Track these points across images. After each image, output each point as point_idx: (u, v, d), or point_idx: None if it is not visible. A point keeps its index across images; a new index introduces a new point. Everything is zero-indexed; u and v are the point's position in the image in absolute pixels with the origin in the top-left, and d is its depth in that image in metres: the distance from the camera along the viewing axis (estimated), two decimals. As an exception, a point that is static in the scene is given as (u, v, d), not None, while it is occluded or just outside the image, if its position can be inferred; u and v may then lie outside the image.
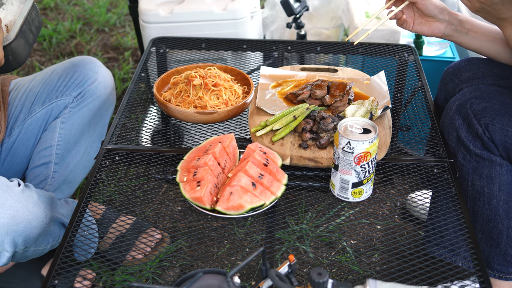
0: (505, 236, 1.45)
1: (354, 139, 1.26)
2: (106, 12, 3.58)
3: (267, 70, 1.77)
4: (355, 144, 1.26)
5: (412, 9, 1.55)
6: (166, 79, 1.71)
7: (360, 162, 1.28)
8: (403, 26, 1.58)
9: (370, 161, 1.29)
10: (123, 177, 1.61)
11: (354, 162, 1.28)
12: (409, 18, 1.56)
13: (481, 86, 1.43)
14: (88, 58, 1.85)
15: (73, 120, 1.76)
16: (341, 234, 1.87)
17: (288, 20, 2.43)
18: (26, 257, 1.46)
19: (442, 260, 1.44)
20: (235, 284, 0.95)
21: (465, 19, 1.52)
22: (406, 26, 1.57)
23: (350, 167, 1.29)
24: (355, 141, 1.26)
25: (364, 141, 1.26)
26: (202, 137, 1.62)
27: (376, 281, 1.01)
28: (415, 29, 1.57)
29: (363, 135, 1.28)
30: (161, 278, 1.66)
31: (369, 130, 1.29)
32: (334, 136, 1.32)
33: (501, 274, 1.50)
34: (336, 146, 1.30)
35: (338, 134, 1.29)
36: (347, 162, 1.29)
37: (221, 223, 1.88)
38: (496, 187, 1.40)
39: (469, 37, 1.52)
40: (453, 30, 1.52)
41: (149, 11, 2.21)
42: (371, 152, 1.28)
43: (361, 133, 1.28)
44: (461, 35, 1.53)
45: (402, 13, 1.56)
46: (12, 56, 1.36)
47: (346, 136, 1.27)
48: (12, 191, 1.36)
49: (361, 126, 1.30)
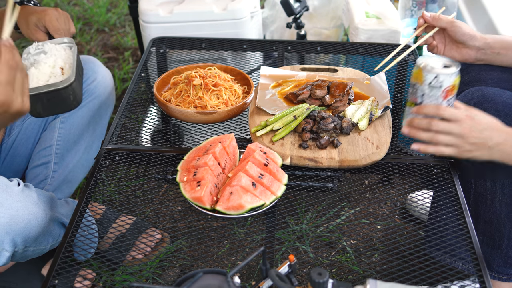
0: (506, 238, 1.45)
1: (442, 73, 1.25)
2: (106, 12, 3.58)
3: (267, 70, 1.77)
4: (444, 77, 1.26)
5: (443, 35, 1.56)
6: (166, 79, 1.71)
7: (447, 96, 1.28)
8: (433, 51, 1.58)
9: (454, 95, 1.29)
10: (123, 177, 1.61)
11: (442, 96, 1.27)
12: (440, 44, 1.56)
13: (483, 87, 1.43)
14: (87, 58, 1.85)
15: (72, 119, 1.76)
16: (341, 234, 1.87)
17: (288, 20, 2.43)
18: (26, 257, 1.46)
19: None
20: (235, 284, 0.95)
21: (494, 41, 1.51)
22: (437, 51, 1.58)
23: (436, 102, 1.29)
24: (444, 75, 1.25)
25: (452, 74, 1.26)
26: (202, 137, 1.62)
27: (376, 281, 1.01)
28: (446, 54, 1.57)
29: (449, 69, 1.27)
30: (161, 278, 1.66)
31: (450, 65, 1.29)
32: (414, 74, 1.30)
33: (501, 276, 1.50)
34: (419, 83, 1.29)
35: (420, 71, 1.28)
36: (433, 98, 1.28)
37: (221, 223, 1.88)
38: (499, 189, 1.40)
39: (501, 56, 1.52)
40: (484, 54, 1.52)
41: (149, 11, 2.21)
42: (456, 86, 1.28)
43: (444, 67, 1.28)
44: (492, 57, 1.52)
45: (433, 39, 1.57)
46: (73, 95, 1.41)
47: (432, 71, 1.26)
48: (11, 191, 1.36)
49: (442, 62, 1.29)
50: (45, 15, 1.57)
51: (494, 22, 2.22)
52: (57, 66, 1.44)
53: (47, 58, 1.45)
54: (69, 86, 1.39)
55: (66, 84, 1.38)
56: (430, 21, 1.54)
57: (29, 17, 1.59)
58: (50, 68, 1.43)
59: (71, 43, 1.54)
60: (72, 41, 1.54)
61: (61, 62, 1.45)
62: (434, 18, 1.53)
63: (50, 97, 1.37)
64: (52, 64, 1.44)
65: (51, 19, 1.57)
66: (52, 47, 1.49)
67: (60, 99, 1.39)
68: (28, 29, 1.59)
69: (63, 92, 1.38)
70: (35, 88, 1.36)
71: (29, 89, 1.32)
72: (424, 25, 1.57)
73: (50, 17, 1.57)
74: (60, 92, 1.38)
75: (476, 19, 2.38)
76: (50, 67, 1.43)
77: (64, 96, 1.39)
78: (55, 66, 1.44)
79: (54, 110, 1.41)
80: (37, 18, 1.58)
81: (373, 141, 1.48)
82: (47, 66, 1.43)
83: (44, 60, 1.44)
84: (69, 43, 1.54)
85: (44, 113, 1.40)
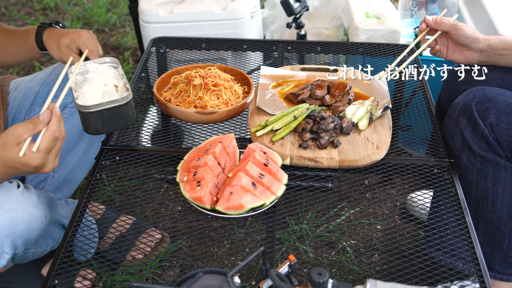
0: (507, 238, 1.45)
1: None
2: (106, 12, 3.58)
3: (267, 70, 1.77)
4: None
5: (445, 38, 1.55)
6: (166, 79, 1.71)
7: None
8: (437, 54, 1.58)
9: None
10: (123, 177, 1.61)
11: None
12: (442, 47, 1.56)
13: (484, 87, 1.43)
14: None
15: (72, 120, 1.76)
16: (341, 234, 1.87)
17: (288, 20, 2.43)
18: (26, 259, 1.46)
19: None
20: (235, 284, 0.95)
21: (496, 42, 1.51)
22: (440, 54, 1.58)
23: None
24: None
25: None
26: (202, 137, 1.62)
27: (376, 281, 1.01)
28: (449, 57, 1.57)
29: None
30: (161, 278, 1.66)
31: None
32: None
33: (502, 276, 1.51)
34: None
35: None
36: None
37: (221, 223, 1.88)
38: (501, 189, 1.41)
39: (503, 58, 1.52)
40: (487, 56, 1.52)
41: (149, 11, 2.21)
42: None
43: None
44: (495, 58, 1.52)
45: (436, 43, 1.56)
46: (131, 111, 1.44)
47: None
48: (11, 193, 1.35)
49: None
50: (79, 37, 1.59)
51: (494, 22, 2.22)
52: (109, 84, 1.46)
53: (97, 76, 1.47)
54: (129, 102, 1.42)
55: (127, 100, 1.41)
56: (433, 25, 1.54)
57: (60, 39, 1.60)
58: (102, 86, 1.45)
59: (114, 63, 1.56)
60: (116, 61, 1.56)
61: (111, 80, 1.47)
62: (437, 22, 1.53)
63: (111, 113, 1.40)
64: (103, 82, 1.46)
65: (86, 41, 1.59)
66: (97, 67, 1.51)
67: (120, 115, 1.42)
68: (60, 51, 1.61)
69: (124, 108, 1.41)
70: (98, 105, 1.38)
71: (92, 105, 1.37)
72: (427, 29, 1.56)
73: (84, 38, 1.59)
74: (121, 108, 1.41)
75: (476, 19, 2.38)
76: (102, 85, 1.45)
77: (124, 112, 1.42)
78: (107, 84, 1.46)
79: (113, 126, 1.44)
80: (70, 40, 1.60)
81: (373, 141, 1.48)
82: (99, 84, 1.45)
83: (95, 79, 1.46)
84: (111, 63, 1.56)
85: (103, 130, 1.43)
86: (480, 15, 2.36)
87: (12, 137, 1.18)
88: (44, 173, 1.33)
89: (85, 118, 1.41)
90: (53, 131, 1.19)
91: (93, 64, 1.53)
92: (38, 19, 3.54)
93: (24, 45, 1.68)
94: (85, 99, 1.42)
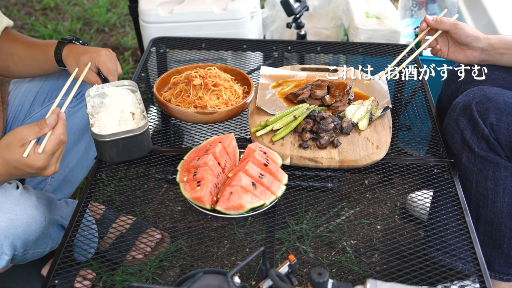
0: (507, 238, 1.45)
1: None
2: (106, 12, 3.58)
3: (267, 70, 1.77)
4: None
5: (446, 38, 1.55)
6: (166, 79, 1.71)
7: None
8: (437, 54, 1.58)
9: None
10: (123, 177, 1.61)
11: None
12: (443, 46, 1.56)
13: (484, 87, 1.43)
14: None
15: (72, 120, 1.76)
16: (341, 234, 1.87)
17: (288, 20, 2.43)
18: (25, 260, 1.46)
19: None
20: (235, 284, 0.95)
21: (497, 41, 1.51)
22: (441, 54, 1.57)
23: None
24: None
25: None
26: (202, 137, 1.62)
27: (376, 281, 1.01)
28: (450, 57, 1.57)
29: None
30: (161, 278, 1.66)
31: None
32: None
33: (502, 276, 1.51)
34: None
35: None
36: None
37: (221, 223, 1.88)
38: (501, 189, 1.41)
39: (504, 57, 1.52)
40: (488, 55, 1.52)
41: (149, 11, 2.21)
42: None
43: None
44: (496, 58, 1.52)
45: (436, 42, 1.56)
46: (147, 141, 1.44)
47: None
48: (10, 194, 1.35)
49: None
50: (99, 56, 1.56)
51: (494, 22, 2.22)
52: (126, 110, 1.44)
53: (114, 102, 1.45)
54: (145, 131, 1.41)
55: (143, 130, 1.40)
56: (433, 24, 1.54)
57: (80, 57, 1.58)
58: (119, 113, 1.44)
59: (132, 86, 1.55)
60: (134, 85, 1.55)
61: (128, 106, 1.45)
62: (437, 21, 1.53)
63: (126, 142, 1.39)
64: (119, 108, 1.44)
65: (105, 61, 1.57)
66: (114, 90, 1.49)
67: (135, 145, 1.41)
68: (78, 69, 1.59)
69: (140, 138, 1.40)
70: (113, 134, 1.37)
71: (107, 135, 1.36)
72: (427, 29, 1.56)
73: (104, 58, 1.56)
74: (137, 138, 1.40)
75: (476, 19, 2.38)
76: (118, 111, 1.44)
77: (140, 142, 1.41)
78: (124, 110, 1.44)
79: (128, 155, 1.43)
80: (89, 58, 1.57)
81: (373, 141, 1.48)
82: (116, 111, 1.43)
83: (113, 104, 1.44)
84: (129, 86, 1.55)
85: (118, 158, 1.42)
86: (480, 15, 2.36)
87: (17, 139, 1.19)
88: (46, 176, 1.35)
89: (100, 146, 1.40)
90: (59, 134, 1.21)
91: (110, 87, 1.51)
92: (38, 19, 3.54)
93: (43, 59, 1.66)
94: (101, 126, 1.41)
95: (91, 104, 1.48)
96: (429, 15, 1.56)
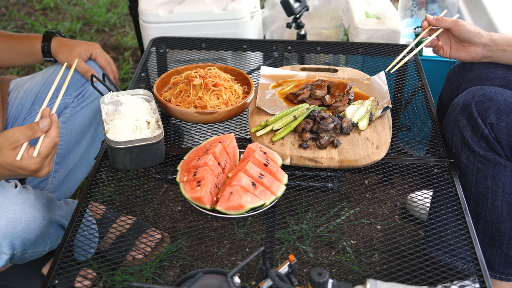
0: (507, 237, 1.45)
1: None
2: (106, 12, 3.58)
3: (267, 70, 1.77)
4: None
5: (447, 36, 1.55)
6: (166, 79, 1.71)
7: None
8: (439, 53, 1.58)
9: None
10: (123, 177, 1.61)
11: None
12: (445, 45, 1.56)
13: (484, 86, 1.43)
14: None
15: (74, 119, 1.76)
16: (341, 234, 1.87)
17: (288, 20, 2.43)
18: (24, 259, 1.46)
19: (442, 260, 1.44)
20: (235, 284, 0.95)
21: (499, 37, 1.51)
22: (443, 53, 1.57)
23: None
24: None
25: None
26: (202, 137, 1.62)
27: (376, 281, 1.01)
28: (452, 55, 1.57)
29: None
30: (161, 278, 1.66)
31: None
32: None
33: (501, 275, 1.51)
34: None
35: None
36: None
37: (221, 223, 1.88)
38: (500, 188, 1.40)
39: (506, 54, 1.52)
40: (490, 51, 1.52)
41: (149, 11, 2.21)
42: None
43: None
44: (498, 54, 1.52)
45: (438, 40, 1.56)
46: (160, 150, 1.43)
47: None
48: (9, 193, 1.35)
49: None
50: (95, 48, 1.79)
51: (494, 22, 2.22)
52: (141, 119, 1.45)
53: (130, 110, 1.46)
54: (160, 141, 1.40)
55: (158, 139, 1.40)
56: (434, 22, 1.54)
57: (74, 48, 1.76)
58: (134, 121, 1.44)
59: (147, 96, 1.55)
60: (149, 94, 1.55)
61: (143, 115, 1.46)
62: (438, 20, 1.53)
63: (140, 150, 1.39)
64: (134, 116, 1.45)
65: (102, 52, 1.78)
66: (129, 99, 1.50)
67: (149, 153, 1.40)
68: (70, 55, 1.74)
69: (154, 147, 1.40)
70: (128, 142, 1.37)
71: (122, 142, 1.36)
72: (428, 27, 1.56)
73: (100, 50, 1.78)
74: (152, 147, 1.39)
75: (476, 19, 2.38)
76: (133, 119, 1.44)
77: (154, 151, 1.41)
78: (138, 119, 1.45)
79: (141, 164, 1.42)
80: (85, 49, 1.76)
81: (373, 141, 1.48)
82: (131, 119, 1.44)
83: (128, 112, 1.45)
84: (144, 95, 1.55)
85: (130, 166, 1.41)
86: (480, 15, 2.36)
87: (9, 142, 1.19)
88: (39, 177, 1.37)
89: (113, 153, 1.39)
90: (54, 137, 1.22)
91: (125, 95, 1.52)
92: (38, 19, 3.54)
93: (26, 51, 1.77)
94: (116, 133, 1.40)
95: (105, 111, 1.48)
96: (429, 14, 1.56)
